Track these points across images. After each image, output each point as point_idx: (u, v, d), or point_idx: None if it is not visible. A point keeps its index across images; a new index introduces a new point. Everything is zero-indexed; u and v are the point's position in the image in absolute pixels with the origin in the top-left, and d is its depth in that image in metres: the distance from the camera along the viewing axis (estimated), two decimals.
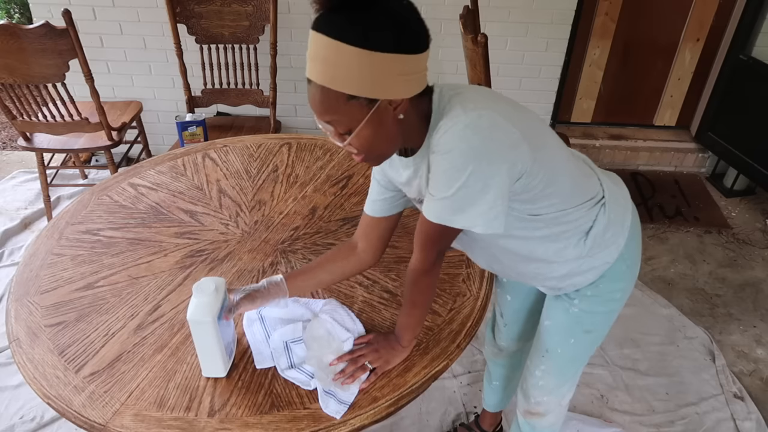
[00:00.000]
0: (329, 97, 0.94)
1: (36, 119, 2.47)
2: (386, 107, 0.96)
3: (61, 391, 1.17)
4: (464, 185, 0.97)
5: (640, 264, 1.31)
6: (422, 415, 2.00)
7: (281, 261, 1.49)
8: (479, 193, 0.98)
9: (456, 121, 0.96)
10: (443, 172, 0.98)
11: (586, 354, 1.41)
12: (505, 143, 0.98)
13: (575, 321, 1.31)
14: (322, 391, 1.16)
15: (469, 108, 0.97)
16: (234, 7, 2.64)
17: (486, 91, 1.08)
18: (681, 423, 2.02)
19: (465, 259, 1.49)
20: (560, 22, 2.94)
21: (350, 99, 0.93)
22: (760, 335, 2.36)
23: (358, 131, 0.97)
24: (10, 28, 2.17)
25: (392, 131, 1.00)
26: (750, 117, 2.97)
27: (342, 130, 0.99)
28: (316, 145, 1.97)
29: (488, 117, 0.97)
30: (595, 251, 1.18)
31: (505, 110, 1.01)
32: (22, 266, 1.47)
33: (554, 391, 1.45)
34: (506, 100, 1.06)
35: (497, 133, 0.97)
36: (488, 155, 0.96)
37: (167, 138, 3.31)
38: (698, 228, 2.96)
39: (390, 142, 1.03)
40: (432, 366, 1.22)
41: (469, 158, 0.95)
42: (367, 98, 0.93)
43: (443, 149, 0.97)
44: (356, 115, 0.95)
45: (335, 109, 0.95)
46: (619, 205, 1.22)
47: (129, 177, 1.81)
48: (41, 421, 1.98)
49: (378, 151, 1.03)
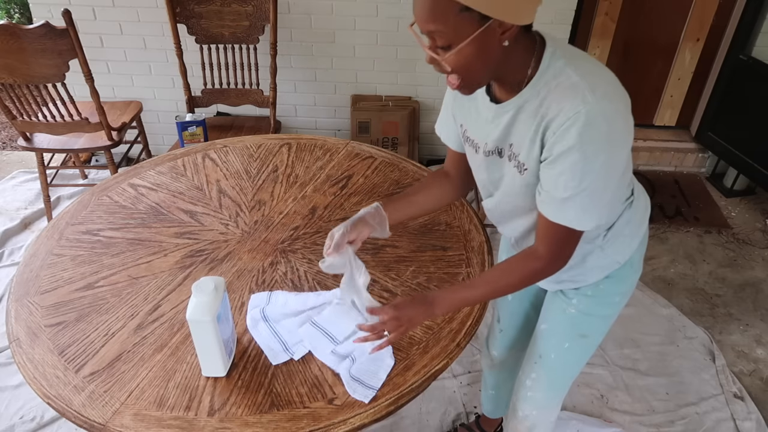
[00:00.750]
0: (440, 3, 0.88)
1: (36, 119, 2.48)
2: (495, 29, 0.91)
3: (61, 391, 1.17)
4: (596, 176, 0.96)
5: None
6: (422, 415, 2.00)
7: (281, 261, 1.50)
8: (606, 183, 0.99)
9: (586, 107, 0.92)
10: (573, 165, 0.96)
11: (578, 364, 1.40)
12: (628, 129, 0.98)
13: (571, 323, 1.31)
14: (349, 377, 1.17)
15: (599, 92, 0.93)
16: (234, 7, 2.64)
17: (599, 67, 1.02)
18: (681, 423, 2.02)
19: (465, 259, 1.49)
20: (560, 22, 2.94)
21: (463, 11, 0.88)
22: (760, 335, 2.36)
23: (461, 48, 0.91)
24: (10, 28, 2.17)
25: (494, 57, 0.95)
26: (750, 117, 2.97)
27: (442, 43, 0.92)
28: (316, 146, 1.97)
29: (615, 104, 0.95)
30: (608, 245, 1.18)
31: (620, 92, 0.98)
32: (22, 266, 1.47)
33: (542, 405, 1.44)
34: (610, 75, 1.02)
35: (623, 121, 0.96)
36: (618, 142, 0.96)
37: (167, 138, 3.31)
38: (698, 228, 2.96)
39: (488, 69, 0.97)
40: (432, 365, 1.22)
41: (602, 146, 0.94)
42: (480, 13, 0.88)
43: (573, 140, 0.93)
44: (464, 30, 0.90)
45: (443, 19, 0.89)
46: (642, 207, 1.23)
47: (129, 177, 1.81)
48: (41, 421, 1.98)
49: (476, 74, 0.97)
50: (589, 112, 0.92)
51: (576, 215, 1.01)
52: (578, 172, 0.96)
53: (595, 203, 1.00)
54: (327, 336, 1.26)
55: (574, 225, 1.02)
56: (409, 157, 2.54)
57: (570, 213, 1.01)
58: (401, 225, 1.60)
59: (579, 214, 1.01)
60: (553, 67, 0.97)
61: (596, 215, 1.02)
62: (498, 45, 0.93)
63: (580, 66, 0.97)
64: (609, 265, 1.21)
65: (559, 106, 0.95)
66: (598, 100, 0.92)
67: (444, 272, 1.45)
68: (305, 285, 1.42)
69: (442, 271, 1.46)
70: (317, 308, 1.33)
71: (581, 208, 1.00)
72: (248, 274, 1.46)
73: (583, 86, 0.94)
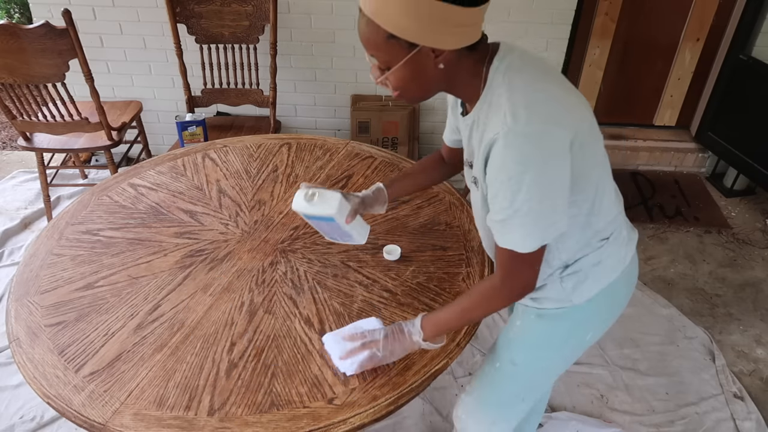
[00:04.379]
0: (372, 30, 0.93)
1: (36, 119, 2.48)
2: (428, 53, 0.94)
3: (60, 391, 1.17)
4: (527, 196, 0.94)
5: (637, 274, 1.26)
6: (425, 416, 2.00)
7: (281, 260, 1.50)
8: (542, 203, 0.95)
9: (504, 129, 0.92)
10: (500, 185, 0.96)
11: (504, 391, 1.32)
12: (560, 148, 0.94)
13: (507, 345, 1.28)
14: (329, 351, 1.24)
15: (520, 114, 0.92)
16: (234, 7, 2.64)
17: (536, 83, 0.99)
18: (681, 423, 2.02)
19: (465, 259, 1.49)
20: (560, 22, 2.94)
21: (390, 38, 0.92)
22: (760, 335, 2.36)
23: (396, 70, 0.96)
24: (10, 28, 2.17)
25: (431, 78, 0.98)
26: (750, 117, 2.97)
27: (382, 66, 0.99)
28: (315, 145, 1.97)
29: (538, 124, 0.93)
30: (568, 280, 1.14)
31: (548, 111, 0.95)
32: (22, 266, 1.47)
33: (472, 411, 1.37)
34: (563, 89, 1.01)
35: (551, 140, 0.94)
36: (547, 161, 0.93)
37: (167, 138, 3.31)
38: (698, 228, 2.96)
39: (427, 88, 1.02)
40: (432, 365, 1.22)
41: (526, 166, 0.92)
42: (407, 41, 0.92)
43: (497, 162, 0.94)
44: (396, 54, 0.94)
45: (375, 45, 0.95)
46: (618, 255, 1.16)
47: (129, 177, 1.81)
48: (41, 420, 1.98)
49: (413, 93, 1.02)
50: (507, 135, 0.92)
51: (517, 237, 0.99)
52: (508, 192, 0.95)
53: (537, 224, 0.97)
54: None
55: (517, 248, 1.00)
56: (409, 157, 2.54)
57: (510, 236, 0.99)
58: (401, 225, 1.60)
59: (521, 237, 0.99)
60: (493, 85, 0.98)
61: (539, 237, 0.99)
62: (434, 67, 0.96)
63: (515, 85, 0.96)
64: (563, 299, 1.16)
65: (489, 127, 0.97)
66: (517, 122, 0.92)
67: (444, 272, 1.45)
68: (305, 285, 1.42)
69: (442, 271, 1.46)
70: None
71: (521, 229, 0.98)
72: (248, 274, 1.46)
73: (506, 108, 0.94)
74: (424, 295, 1.39)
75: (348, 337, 1.22)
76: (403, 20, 0.89)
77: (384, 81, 1.00)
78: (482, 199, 1.07)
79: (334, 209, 1.22)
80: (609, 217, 1.13)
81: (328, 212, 1.22)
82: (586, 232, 1.11)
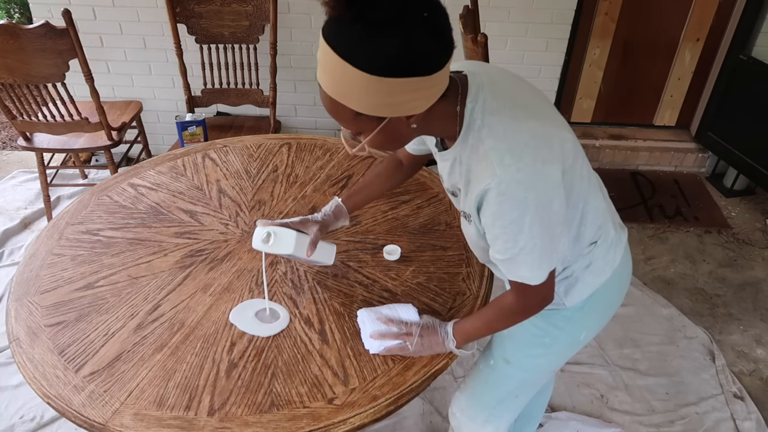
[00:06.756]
0: (338, 107, 0.91)
1: (36, 119, 2.48)
2: (399, 119, 0.92)
3: (60, 391, 1.17)
4: (530, 234, 0.95)
5: (630, 273, 1.28)
6: (425, 416, 2.00)
7: (281, 260, 1.49)
8: (544, 237, 0.97)
9: (495, 179, 0.93)
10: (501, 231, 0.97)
11: (497, 387, 1.34)
12: (551, 182, 0.95)
13: (500, 343, 1.30)
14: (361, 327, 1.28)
15: (507, 161, 0.92)
16: (234, 7, 2.64)
17: (515, 121, 0.98)
18: (681, 423, 2.02)
19: (465, 259, 1.49)
20: (560, 22, 2.94)
21: (358, 115, 0.91)
22: (760, 335, 2.36)
23: (370, 138, 0.96)
24: (10, 28, 2.17)
25: (406, 136, 1.00)
26: (750, 117, 2.97)
27: (354, 133, 0.98)
28: (315, 145, 1.97)
29: (528, 166, 0.93)
30: (560, 284, 1.16)
31: (534, 149, 0.95)
32: (22, 266, 1.47)
33: (465, 408, 1.40)
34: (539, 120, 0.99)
35: (542, 178, 0.94)
36: (541, 199, 0.94)
37: (167, 138, 3.31)
38: (698, 228, 2.96)
39: (404, 143, 1.03)
40: (432, 364, 1.22)
41: (524, 209, 0.93)
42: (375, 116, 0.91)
43: (493, 209, 0.95)
44: (366, 126, 0.94)
45: (344, 121, 0.94)
46: (606, 258, 1.17)
47: (129, 177, 1.81)
48: (41, 420, 1.98)
49: (390, 149, 1.05)
50: (499, 185, 0.92)
51: (526, 272, 1.01)
52: (510, 235, 0.96)
53: (542, 256, 0.99)
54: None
55: (528, 281, 1.02)
56: None
57: (519, 272, 1.02)
58: (401, 225, 1.60)
59: (529, 271, 1.01)
60: (472, 128, 0.98)
61: (547, 266, 1.01)
62: (407, 127, 0.96)
63: (495, 129, 0.95)
64: (555, 303, 1.17)
65: (476, 175, 0.97)
66: (506, 170, 0.92)
67: (444, 272, 1.45)
68: (305, 285, 1.42)
69: (442, 271, 1.46)
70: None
71: (528, 265, 1.00)
72: (248, 273, 1.46)
73: (492, 157, 0.93)
74: (424, 295, 1.39)
75: (385, 320, 1.25)
76: (366, 100, 0.87)
77: (359, 150, 1.00)
78: (476, 230, 1.08)
79: (291, 249, 1.26)
80: (598, 222, 1.13)
81: (286, 252, 1.27)
82: (578, 242, 1.12)
